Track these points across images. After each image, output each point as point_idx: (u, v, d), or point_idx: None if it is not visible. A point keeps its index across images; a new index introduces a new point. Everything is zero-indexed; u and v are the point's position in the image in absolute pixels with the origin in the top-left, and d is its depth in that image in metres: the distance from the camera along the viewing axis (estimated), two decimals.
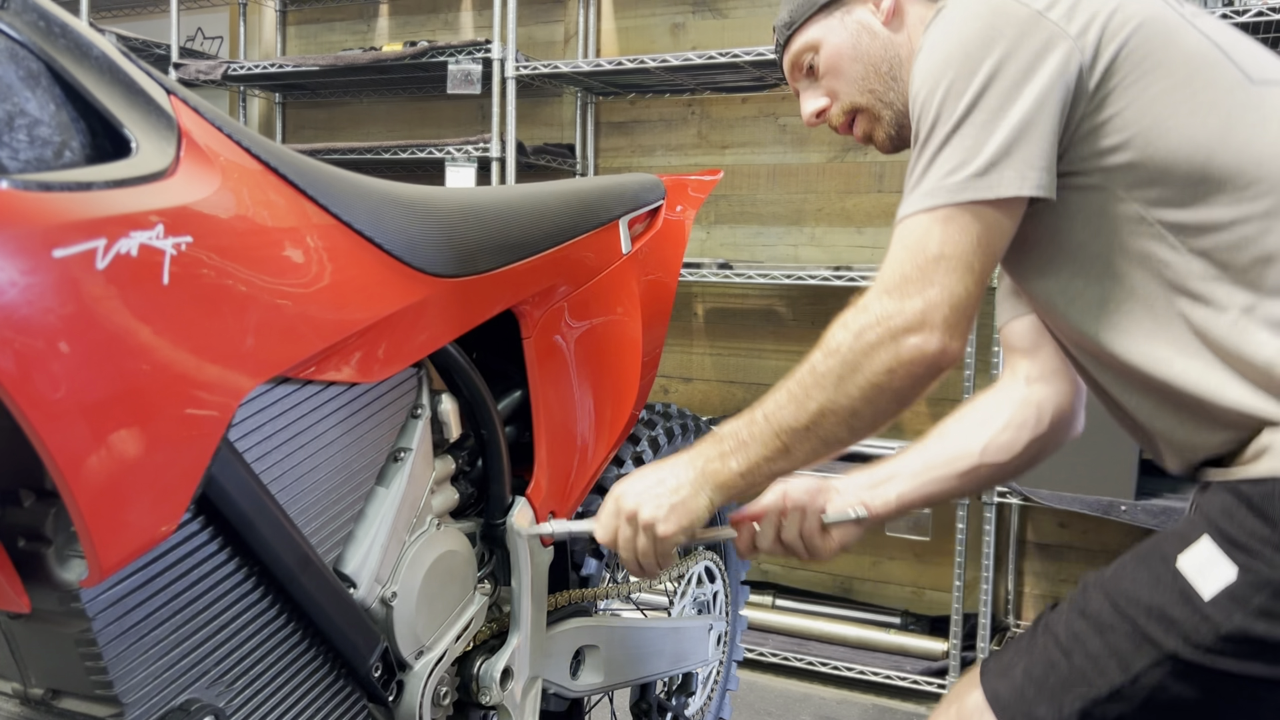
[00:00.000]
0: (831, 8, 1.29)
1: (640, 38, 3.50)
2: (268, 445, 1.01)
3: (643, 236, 1.67)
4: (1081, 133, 1.06)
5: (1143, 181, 1.04)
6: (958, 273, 1.04)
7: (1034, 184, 1.04)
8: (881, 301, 1.07)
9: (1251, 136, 1.02)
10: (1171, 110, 1.03)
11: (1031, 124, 1.03)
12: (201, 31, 4.36)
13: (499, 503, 1.37)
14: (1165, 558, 1.00)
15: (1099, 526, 3.02)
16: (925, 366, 1.05)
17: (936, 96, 1.06)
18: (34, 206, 0.69)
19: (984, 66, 1.04)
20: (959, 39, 1.07)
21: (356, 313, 1.03)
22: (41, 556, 0.84)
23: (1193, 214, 1.03)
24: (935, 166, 1.06)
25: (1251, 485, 0.98)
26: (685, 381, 3.52)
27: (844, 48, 1.28)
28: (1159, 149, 1.03)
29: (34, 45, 0.78)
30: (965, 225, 1.04)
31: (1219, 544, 0.97)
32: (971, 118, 1.04)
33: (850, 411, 1.09)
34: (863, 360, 1.07)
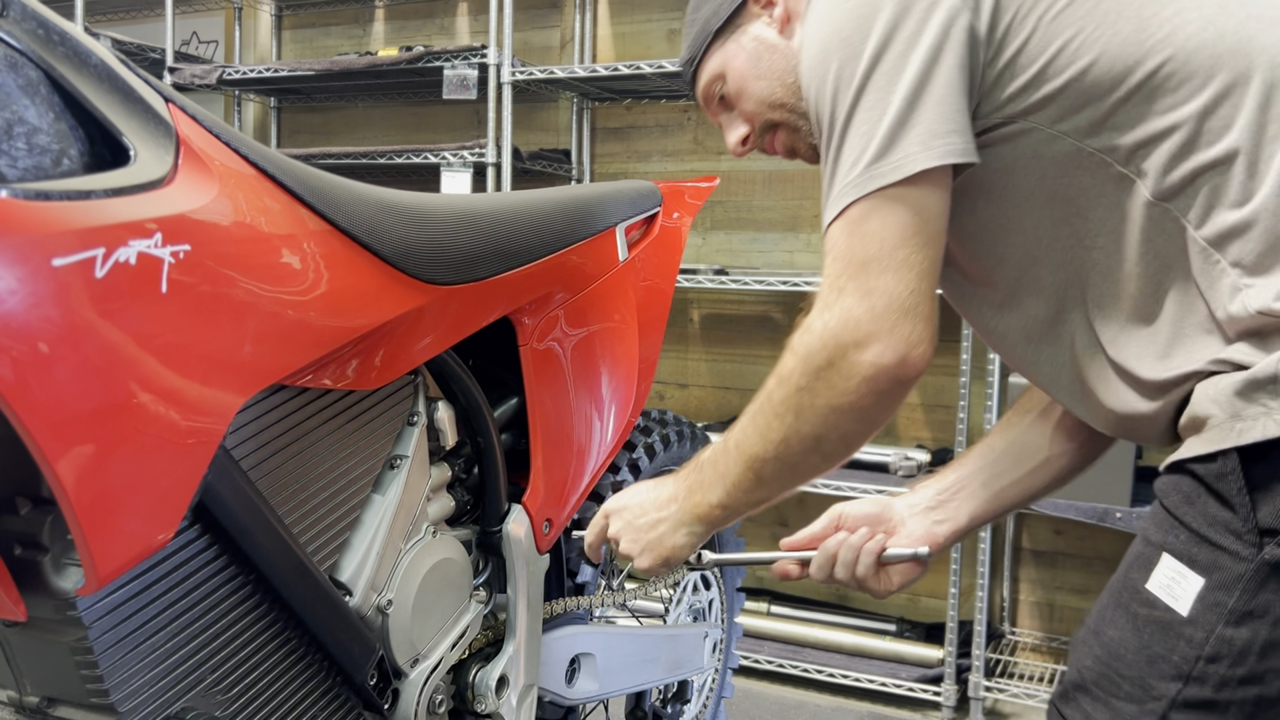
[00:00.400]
0: (726, 32, 1.22)
1: (637, 43, 3.51)
2: (264, 453, 1.01)
3: (639, 243, 1.67)
4: (989, 81, 0.98)
5: (1068, 111, 0.96)
6: (892, 271, 0.96)
7: (942, 151, 0.95)
8: (824, 318, 0.99)
9: (1170, 31, 0.94)
10: (1076, 28, 0.95)
11: (924, 91, 0.95)
12: (196, 36, 4.35)
13: (495, 510, 1.37)
14: (1135, 590, 0.94)
15: (1094, 533, 3.03)
16: (887, 380, 0.98)
17: (826, 92, 1.00)
18: (33, 215, 0.69)
19: (865, 48, 0.97)
20: (833, 26, 1.00)
21: (353, 320, 1.03)
22: (38, 564, 0.84)
23: (1131, 133, 0.95)
24: (840, 164, 0.99)
25: (1202, 465, 0.91)
26: (681, 387, 3.52)
27: (746, 69, 1.20)
28: (1075, 71, 0.95)
29: (33, 53, 0.78)
30: (885, 217, 0.96)
31: (1178, 555, 0.91)
32: (862, 102, 0.97)
33: (815, 438, 1.03)
34: (817, 384, 1.00)
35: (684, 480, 1.19)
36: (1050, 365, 1.06)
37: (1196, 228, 0.94)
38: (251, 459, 0.99)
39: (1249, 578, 0.87)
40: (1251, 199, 0.92)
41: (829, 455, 1.05)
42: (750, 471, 1.09)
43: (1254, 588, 0.87)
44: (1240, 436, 0.88)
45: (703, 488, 1.15)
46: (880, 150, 0.96)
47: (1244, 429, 0.88)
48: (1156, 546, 0.93)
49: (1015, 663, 3.05)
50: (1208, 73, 0.93)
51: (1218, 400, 0.91)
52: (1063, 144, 0.97)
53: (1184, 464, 0.93)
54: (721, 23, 1.21)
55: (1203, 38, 0.94)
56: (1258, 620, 0.86)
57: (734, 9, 1.20)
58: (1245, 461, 0.88)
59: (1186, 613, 0.89)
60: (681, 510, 1.18)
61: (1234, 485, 0.88)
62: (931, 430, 3.21)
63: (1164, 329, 0.97)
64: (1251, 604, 0.87)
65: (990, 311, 1.08)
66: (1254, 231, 0.91)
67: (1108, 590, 0.98)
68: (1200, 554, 0.90)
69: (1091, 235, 0.99)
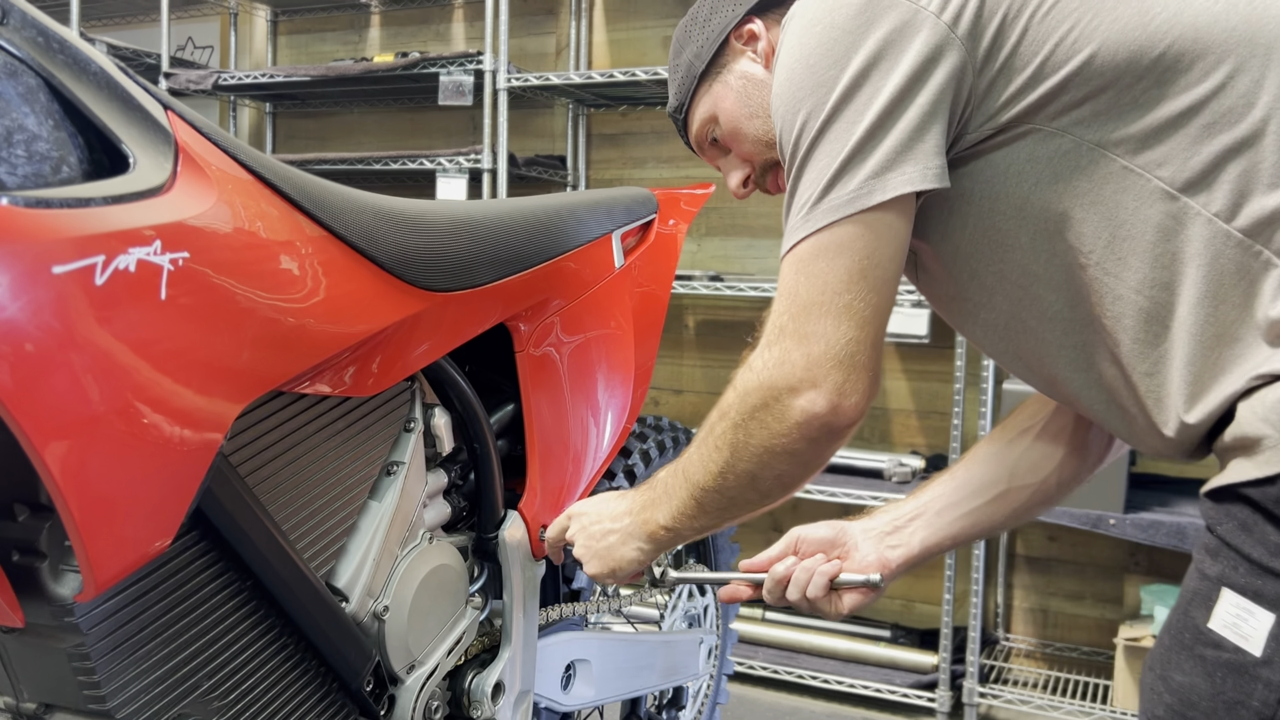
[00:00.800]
0: (712, 74, 1.18)
1: (632, 49, 3.52)
2: (261, 459, 1.02)
3: (635, 250, 1.67)
4: (979, 93, 0.93)
5: (1070, 105, 0.91)
6: (833, 317, 0.93)
7: (897, 183, 0.91)
8: (763, 358, 0.97)
9: (1177, 10, 0.89)
10: (1072, 21, 0.90)
11: (887, 126, 0.91)
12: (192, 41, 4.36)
13: (491, 516, 1.37)
14: (1198, 630, 0.87)
15: (1088, 540, 3.04)
16: (818, 429, 0.95)
17: (794, 125, 0.96)
18: (34, 223, 0.70)
19: (835, 81, 0.93)
20: (802, 57, 0.96)
21: (350, 327, 1.03)
22: (36, 571, 0.84)
23: (1143, 120, 0.89)
24: (796, 197, 0.96)
25: (1258, 489, 0.84)
26: (676, 393, 3.52)
27: (737, 109, 1.16)
28: (1076, 65, 0.90)
29: (33, 61, 0.78)
30: (832, 258, 0.93)
31: (1241, 590, 0.84)
32: (825, 136, 0.93)
33: (750, 475, 1.02)
34: (751, 424, 0.99)
35: (639, 496, 1.20)
36: (1068, 387, 1.02)
37: (1228, 220, 0.87)
38: (249, 465, 1.00)
39: None
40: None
41: (766, 494, 1.05)
42: (693, 500, 1.09)
43: None
44: None
45: (653, 506, 1.17)
46: (832, 184, 0.92)
47: None
48: (1215, 581, 0.86)
49: (1009, 668, 3.06)
50: (1222, 47, 0.87)
51: (1269, 419, 0.84)
52: (1059, 142, 0.92)
53: (1235, 489, 0.86)
54: (705, 64, 1.18)
55: (1213, 12, 0.88)
56: None
57: (716, 49, 1.17)
58: None
59: (1260, 653, 0.83)
60: (632, 525, 1.20)
61: None
62: (926, 436, 3.22)
63: (1193, 357, 0.90)
64: None
65: (995, 336, 1.04)
66: None
67: (1167, 630, 0.91)
68: (1266, 587, 0.83)
69: (1086, 250, 0.93)
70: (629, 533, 1.21)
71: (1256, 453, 0.84)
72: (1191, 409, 0.90)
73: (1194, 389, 0.90)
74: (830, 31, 0.94)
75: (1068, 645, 3.10)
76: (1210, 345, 0.88)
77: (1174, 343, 0.90)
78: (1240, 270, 0.87)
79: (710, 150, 1.24)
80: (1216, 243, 0.87)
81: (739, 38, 1.18)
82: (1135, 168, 0.90)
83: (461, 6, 3.82)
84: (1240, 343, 0.87)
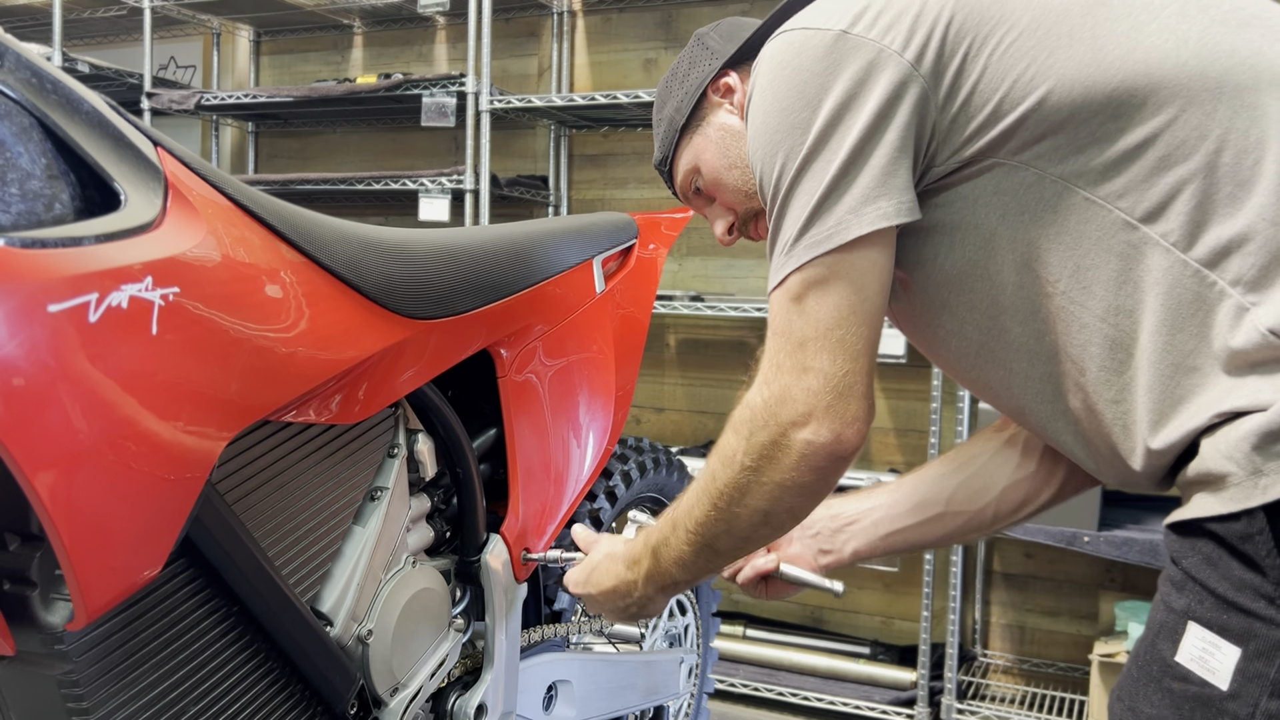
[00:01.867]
0: (692, 126, 1.22)
1: (613, 72, 3.55)
2: (248, 486, 1.03)
3: (616, 275, 1.70)
4: (943, 129, 0.96)
5: (1030, 141, 0.93)
6: (828, 351, 0.96)
7: (873, 217, 0.94)
8: (763, 395, 1.00)
9: (1130, 47, 0.91)
10: (1028, 60, 0.93)
11: (860, 161, 0.94)
12: (174, 60, 4.37)
13: (473, 540, 1.39)
14: (1165, 662, 0.88)
15: (1063, 557, 3.07)
16: (825, 458, 0.98)
17: (773, 167, 0.99)
18: (30, 263, 0.72)
19: (810, 122, 0.96)
20: (775, 100, 0.99)
21: (337, 356, 1.05)
22: (26, 599, 0.85)
23: (1102, 154, 0.92)
24: (780, 234, 0.99)
25: (1223, 525, 0.86)
26: (657, 412, 3.55)
27: (717, 161, 1.20)
28: (1032, 102, 0.92)
29: (27, 102, 0.80)
30: (822, 295, 0.96)
31: (1206, 624, 0.86)
32: (804, 174, 0.96)
33: (763, 512, 1.04)
34: (760, 462, 1.01)
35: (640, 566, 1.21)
36: (1035, 418, 1.04)
37: (1185, 249, 0.88)
38: (236, 493, 1.01)
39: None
40: (1244, 208, 0.87)
41: (779, 527, 1.07)
42: (706, 547, 1.11)
43: None
44: (1265, 493, 0.82)
45: (658, 574, 1.18)
46: (811, 222, 0.95)
47: (1268, 485, 0.83)
48: (1181, 615, 0.87)
49: (987, 685, 3.09)
50: (1174, 83, 0.90)
51: (1233, 457, 0.85)
52: (1024, 175, 0.94)
53: (1200, 523, 0.87)
54: (685, 118, 1.21)
55: (1164, 49, 0.91)
56: None
57: (695, 102, 1.21)
58: (1271, 518, 0.83)
59: (1226, 687, 0.84)
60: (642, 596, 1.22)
61: (1263, 546, 0.83)
62: (904, 454, 3.25)
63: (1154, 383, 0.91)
64: None
65: (966, 365, 1.06)
66: (1253, 244, 0.86)
67: (1135, 660, 0.93)
68: (1231, 621, 0.84)
69: (1053, 279, 0.95)
70: (646, 600, 1.23)
71: (1221, 489, 0.86)
72: (1156, 435, 0.91)
73: (1157, 415, 0.91)
74: (800, 74, 0.97)
75: (1044, 661, 3.13)
76: (1169, 373, 0.90)
77: (1138, 370, 0.92)
78: (1196, 299, 0.88)
79: (695, 199, 1.27)
80: (1174, 272, 0.89)
81: (716, 91, 1.21)
82: (1097, 199, 0.92)
83: (444, 28, 3.85)
84: (1198, 372, 0.89)
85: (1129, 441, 0.95)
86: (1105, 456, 0.99)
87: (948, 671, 2.88)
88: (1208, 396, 0.88)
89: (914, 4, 0.96)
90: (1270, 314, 0.85)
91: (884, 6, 0.97)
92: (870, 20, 0.96)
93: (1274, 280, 0.86)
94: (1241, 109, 0.88)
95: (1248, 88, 0.89)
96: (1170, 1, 0.93)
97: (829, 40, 0.96)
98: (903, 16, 0.96)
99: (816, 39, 0.97)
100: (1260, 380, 0.85)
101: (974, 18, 0.94)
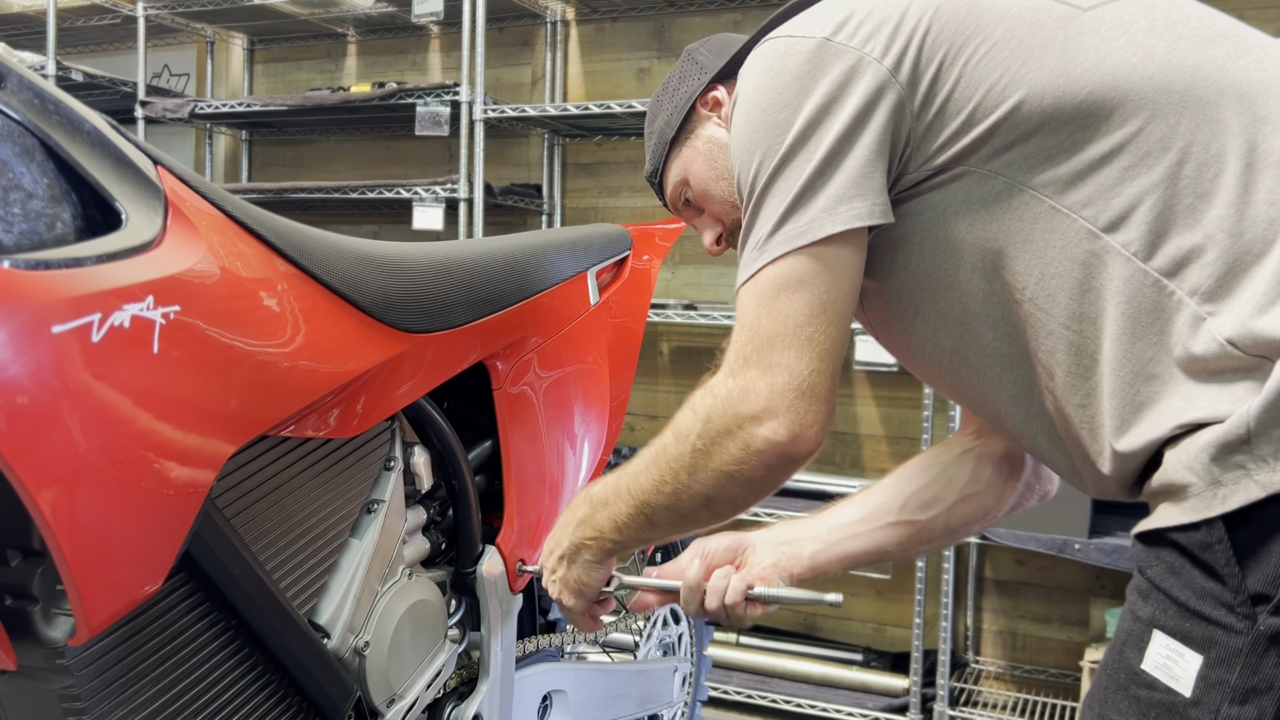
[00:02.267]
0: (681, 139, 1.24)
1: (606, 81, 3.57)
2: (247, 501, 1.04)
3: (610, 286, 1.71)
4: (918, 136, 0.98)
5: (1000, 149, 0.95)
6: (795, 349, 0.97)
7: (846, 216, 0.96)
8: (727, 385, 1.01)
9: (1099, 60, 0.94)
10: (1001, 69, 0.95)
11: (836, 162, 0.96)
12: (168, 69, 4.37)
13: (469, 551, 1.40)
14: (1132, 670, 0.90)
15: (1054, 564, 3.09)
16: (778, 457, 1.00)
17: (751, 166, 1.01)
18: (35, 285, 0.73)
19: (790, 123, 0.98)
20: (757, 102, 1.01)
21: (334, 371, 1.07)
22: (28, 615, 0.86)
23: (1068, 163, 0.94)
24: (754, 230, 1.01)
25: (1184, 534, 0.87)
26: (651, 419, 3.56)
27: (704, 172, 1.22)
28: (1004, 111, 0.94)
29: (30, 123, 0.81)
30: (793, 292, 0.97)
31: (1170, 632, 0.88)
32: (781, 173, 0.98)
33: (705, 496, 1.06)
34: (712, 448, 1.02)
35: (573, 513, 1.24)
36: (1010, 421, 1.06)
37: (1145, 259, 0.90)
38: (235, 507, 1.02)
39: (1247, 652, 0.83)
40: (1203, 219, 0.89)
41: (717, 513, 1.09)
42: (642, 515, 1.13)
43: (1254, 662, 0.83)
44: (1224, 503, 0.85)
45: (589, 522, 1.20)
46: (785, 218, 0.97)
47: (1226, 495, 0.85)
48: (1146, 623, 0.90)
49: (979, 691, 3.10)
50: (1140, 95, 0.92)
51: (1193, 468, 0.87)
52: (993, 184, 0.96)
53: (1163, 533, 0.89)
54: (675, 131, 1.24)
55: (1132, 63, 0.93)
56: (1262, 695, 0.83)
57: (685, 115, 1.23)
58: (1229, 528, 0.84)
59: (1189, 694, 0.86)
60: (571, 545, 1.23)
61: (1221, 555, 0.85)
62: (895, 461, 3.24)
63: (1115, 389, 0.93)
64: (1254, 680, 0.83)
65: (941, 371, 1.08)
66: (1210, 254, 0.88)
67: (1104, 669, 0.95)
68: (1194, 629, 0.86)
69: (1020, 286, 0.97)
70: (571, 554, 1.24)
71: (1183, 499, 0.88)
72: (1120, 439, 0.93)
73: (1119, 421, 0.93)
74: (782, 77, 1.00)
75: (1036, 668, 3.15)
76: (1129, 380, 0.92)
77: (1101, 375, 0.94)
78: (1155, 308, 0.90)
79: (685, 211, 1.29)
80: (1134, 281, 0.91)
81: (705, 104, 1.23)
82: (1062, 208, 0.94)
83: (438, 37, 3.86)
84: (1157, 379, 0.91)
85: (1096, 444, 0.97)
86: (1078, 459, 1.01)
87: (940, 678, 2.90)
88: (1168, 405, 0.90)
89: (894, 14, 0.99)
90: (1227, 324, 0.87)
91: (865, 16, 1.00)
92: (852, 29, 0.99)
93: (1230, 291, 0.88)
94: (1204, 123, 0.91)
95: (1210, 102, 0.91)
96: (1139, 17, 0.96)
97: (812, 47, 1.00)
98: (883, 26, 0.99)
99: (800, 46, 1.01)
100: (1219, 390, 0.87)
101: (950, 28, 0.97)
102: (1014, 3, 0.98)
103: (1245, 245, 0.88)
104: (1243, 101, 0.91)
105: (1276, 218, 0.87)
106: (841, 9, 1.02)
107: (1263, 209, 0.88)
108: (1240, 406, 0.85)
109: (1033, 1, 0.98)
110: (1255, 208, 0.88)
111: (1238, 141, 0.90)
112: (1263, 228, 0.88)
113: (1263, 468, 0.83)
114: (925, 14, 0.98)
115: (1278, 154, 0.89)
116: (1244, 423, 0.84)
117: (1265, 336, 0.85)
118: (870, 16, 1.00)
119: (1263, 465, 0.83)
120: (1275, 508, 0.83)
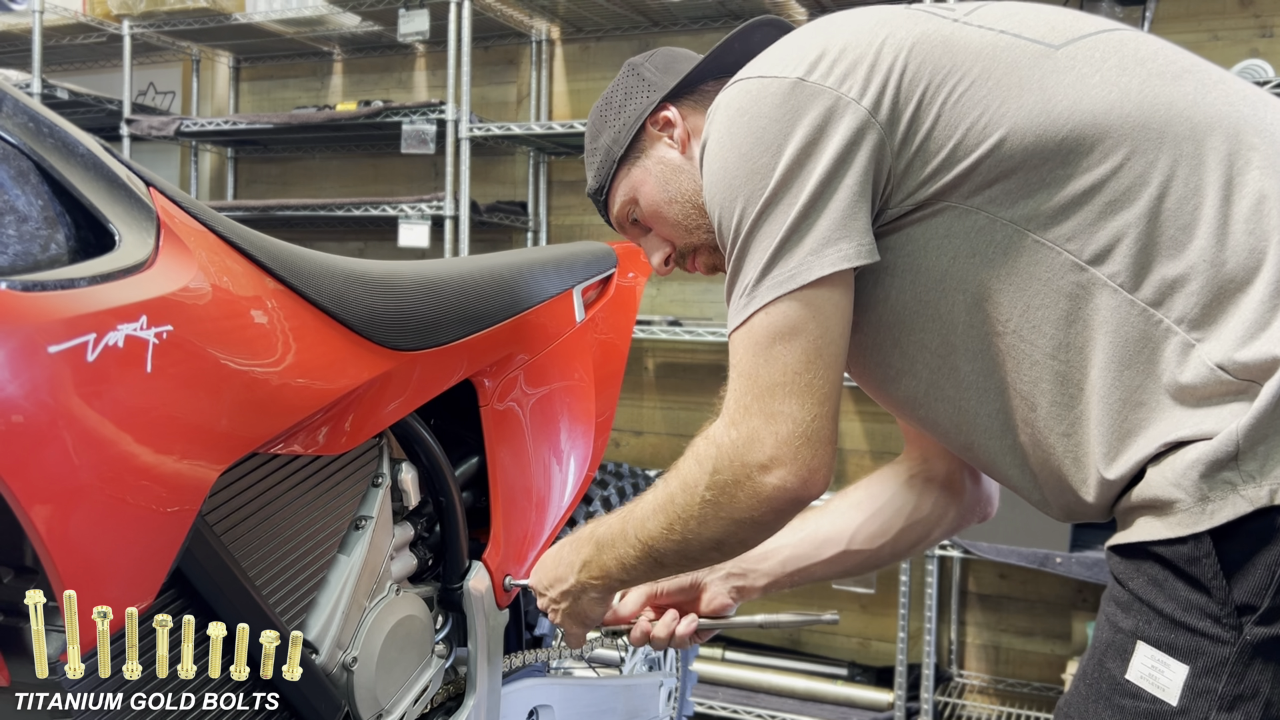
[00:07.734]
0: (630, 158, 1.24)
1: (591, 99, 3.59)
2: (236, 518, 1.05)
3: (596, 304, 1.73)
4: (898, 173, 0.98)
5: (982, 185, 0.96)
6: (796, 397, 0.98)
7: (834, 259, 0.96)
8: (730, 436, 1.02)
9: (1077, 97, 0.95)
10: (981, 108, 0.96)
11: (820, 205, 0.96)
12: (154, 86, 4.38)
13: (456, 567, 1.41)
14: (1115, 680, 0.92)
15: (1036, 578, 3.11)
16: (788, 502, 1.01)
17: (734, 211, 1.00)
18: (30, 305, 0.74)
19: (771, 167, 0.98)
20: (734, 146, 1.01)
21: (324, 389, 1.08)
22: (21, 631, 0.87)
23: (1052, 199, 0.95)
24: (741, 276, 1.01)
25: (1169, 548, 0.89)
26: (636, 435, 3.57)
27: (656, 194, 1.22)
28: (986, 149, 0.95)
29: (25, 146, 0.83)
30: (789, 340, 0.97)
31: (1155, 643, 0.90)
32: (765, 218, 0.98)
33: (716, 541, 1.08)
34: (721, 499, 1.04)
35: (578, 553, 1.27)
36: (984, 454, 1.07)
37: (1131, 290, 0.92)
38: (224, 524, 1.03)
39: (1234, 661, 0.86)
40: (1186, 250, 0.91)
41: (728, 554, 1.13)
42: (650, 557, 1.16)
43: (1240, 670, 0.86)
44: (1212, 518, 0.86)
45: (595, 564, 1.24)
46: (773, 263, 0.97)
47: (1215, 510, 0.86)
48: (1129, 634, 0.91)
49: (963, 705, 3.12)
50: (1119, 132, 0.94)
51: (1181, 484, 0.88)
52: (975, 218, 0.97)
53: (1146, 546, 0.91)
54: (624, 149, 1.23)
55: (1109, 100, 0.95)
56: (1249, 702, 0.86)
57: (634, 134, 1.22)
58: (1216, 542, 0.86)
59: (1176, 702, 0.88)
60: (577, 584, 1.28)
61: (1209, 568, 0.86)
62: None
63: (1103, 417, 0.94)
64: (1240, 687, 0.86)
65: (915, 404, 1.09)
66: (1194, 283, 0.90)
67: (1082, 679, 0.96)
68: (1179, 640, 0.88)
69: (1003, 318, 0.98)
70: (579, 589, 1.28)
71: (1168, 514, 0.89)
72: (1110, 466, 0.95)
73: (1107, 448, 0.95)
74: (758, 121, 0.99)
75: (1019, 681, 3.17)
76: (1118, 408, 0.93)
77: (1088, 404, 0.96)
78: (1143, 337, 0.92)
79: (631, 229, 1.30)
80: (1121, 311, 0.93)
81: (655, 124, 1.23)
82: (1046, 242, 0.95)
83: (423, 55, 3.88)
84: (1145, 406, 0.92)
85: (1080, 473, 0.98)
86: (1052, 488, 1.03)
87: (924, 692, 2.91)
88: (1156, 429, 0.92)
89: (868, 53, 0.99)
90: (1216, 349, 0.89)
91: (838, 56, 1.00)
92: (826, 68, 0.99)
93: (1217, 318, 0.90)
94: (1182, 158, 0.93)
95: (1186, 137, 0.93)
96: (1109, 55, 0.98)
97: (786, 88, 0.99)
98: (858, 65, 0.99)
99: (774, 86, 1.00)
100: (1206, 412, 0.89)
101: (927, 67, 0.98)
102: (987, 40, 0.99)
103: (1228, 274, 0.90)
104: (1216, 136, 0.94)
105: (1256, 246, 0.90)
106: (812, 46, 1.02)
107: (1242, 238, 0.90)
108: (1227, 425, 0.87)
109: (1005, 40, 0.99)
110: (1235, 237, 0.91)
111: (1215, 174, 0.92)
112: (1244, 256, 0.90)
113: (1249, 484, 0.85)
114: (900, 52, 0.99)
115: (1253, 185, 0.92)
116: (1233, 440, 0.86)
117: (1254, 361, 0.87)
118: (844, 55, 0.99)
119: (1249, 481, 0.85)
120: (1260, 522, 0.85)
